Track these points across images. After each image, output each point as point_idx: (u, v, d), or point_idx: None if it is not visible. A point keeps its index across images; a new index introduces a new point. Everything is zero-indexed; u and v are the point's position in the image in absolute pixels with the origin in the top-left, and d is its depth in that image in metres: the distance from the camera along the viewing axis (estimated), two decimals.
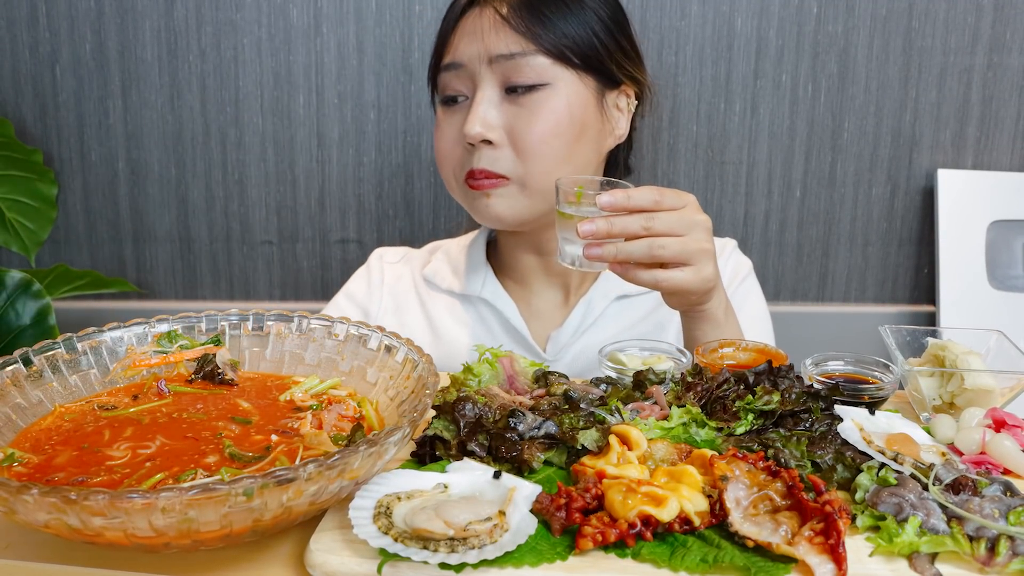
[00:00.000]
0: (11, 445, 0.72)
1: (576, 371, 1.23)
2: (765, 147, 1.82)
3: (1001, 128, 1.81)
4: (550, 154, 1.13)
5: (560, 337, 1.24)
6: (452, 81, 1.16)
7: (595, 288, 1.26)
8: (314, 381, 0.85)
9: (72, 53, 1.79)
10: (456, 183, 1.19)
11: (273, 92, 1.80)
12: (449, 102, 1.18)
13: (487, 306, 1.28)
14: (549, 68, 1.12)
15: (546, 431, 0.74)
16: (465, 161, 1.16)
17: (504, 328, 1.27)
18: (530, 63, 1.12)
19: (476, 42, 1.13)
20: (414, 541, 0.59)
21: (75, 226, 1.88)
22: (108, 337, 0.86)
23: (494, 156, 1.13)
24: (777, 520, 0.62)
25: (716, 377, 0.83)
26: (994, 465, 0.74)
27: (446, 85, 1.17)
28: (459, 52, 1.15)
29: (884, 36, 1.75)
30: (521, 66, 1.11)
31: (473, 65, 1.13)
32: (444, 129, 1.18)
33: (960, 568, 0.61)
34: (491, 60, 1.12)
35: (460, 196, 1.21)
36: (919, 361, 0.91)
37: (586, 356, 1.24)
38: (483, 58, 1.12)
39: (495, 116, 1.13)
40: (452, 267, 1.33)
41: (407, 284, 1.35)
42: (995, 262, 1.81)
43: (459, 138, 1.15)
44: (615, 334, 1.25)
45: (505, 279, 1.31)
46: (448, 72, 1.16)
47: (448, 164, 1.19)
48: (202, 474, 0.66)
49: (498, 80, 1.13)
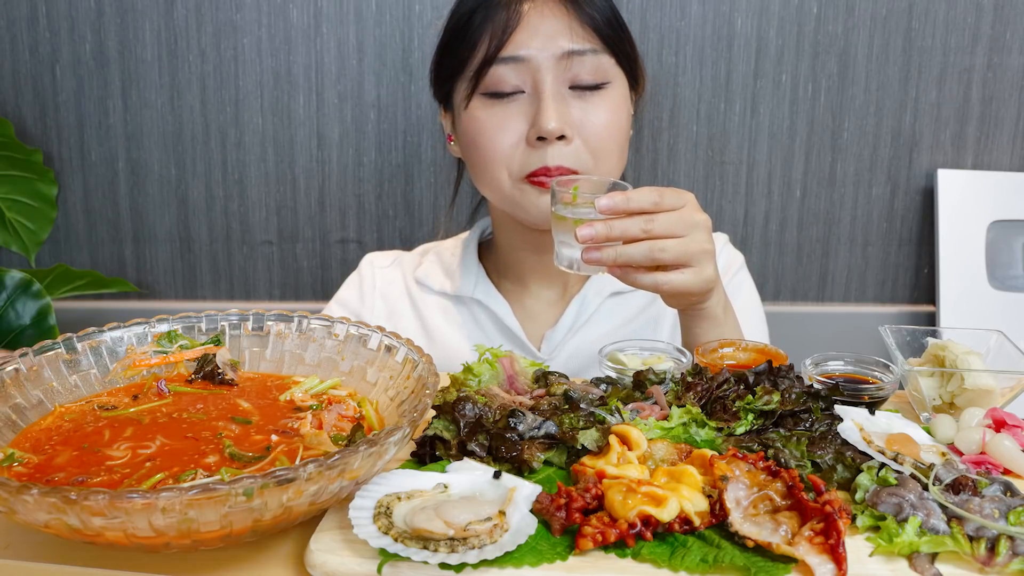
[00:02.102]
0: (11, 445, 0.72)
1: (572, 369, 1.23)
2: (765, 147, 1.82)
3: (1001, 128, 1.81)
4: (616, 149, 1.14)
5: (555, 336, 1.24)
6: (508, 75, 1.10)
7: (589, 286, 1.26)
8: (314, 381, 0.85)
9: (72, 53, 1.79)
10: (512, 181, 1.14)
11: (273, 92, 1.80)
12: (499, 97, 1.12)
13: (480, 306, 1.28)
14: (611, 67, 1.13)
15: (546, 431, 0.74)
16: (527, 159, 1.12)
17: (498, 328, 1.27)
18: (599, 61, 1.11)
19: (544, 36, 1.09)
20: (414, 541, 0.59)
21: (75, 226, 1.88)
22: (108, 337, 0.86)
23: (568, 152, 1.10)
24: (777, 520, 0.62)
25: (716, 377, 0.83)
26: (994, 465, 0.74)
27: (501, 79, 1.11)
28: (523, 45, 1.09)
29: (884, 36, 1.75)
30: (590, 63, 1.10)
31: (539, 60, 1.09)
32: (497, 125, 1.12)
33: (960, 568, 0.61)
34: (561, 56, 1.09)
35: (514, 195, 1.15)
36: (919, 361, 0.91)
37: (581, 354, 1.24)
38: (553, 53, 1.09)
39: (567, 111, 1.10)
40: (444, 269, 1.32)
41: (399, 288, 1.34)
42: (995, 262, 1.81)
43: (519, 134, 1.11)
44: (609, 331, 1.25)
45: (500, 279, 1.30)
46: (505, 65, 1.10)
47: (503, 163, 1.13)
48: (202, 474, 0.66)
49: (564, 76, 1.10)
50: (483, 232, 1.36)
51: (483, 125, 1.13)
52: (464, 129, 1.16)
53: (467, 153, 1.18)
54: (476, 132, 1.14)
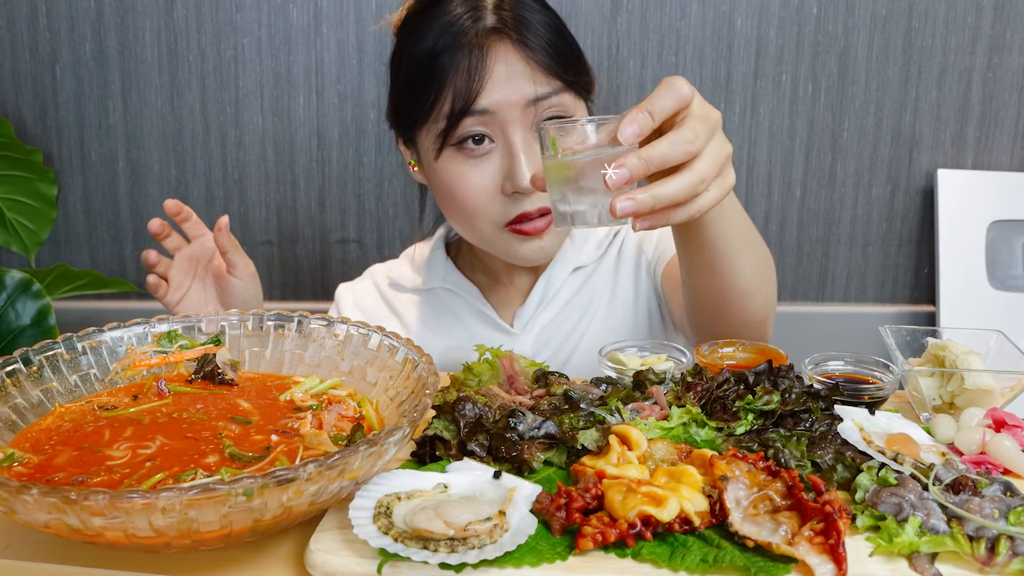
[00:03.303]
0: (11, 445, 0.72)
1: (542, 342, 1.27)
2: (765, 147, 1.82)
3: (1001, 128, 1.81)
4: None
5: (524, 312, 1.28)
6: (477, 126, 1.10)
7: (553, 265, 1.29)
8: (314, 381, 0.85)
9: (72, 53, 1.79)
10: (495, 231, 1.14)
11: (273, 92, 1.80)
12: (470, 147, 1.11)
13: (451, 295, 1.32)
14: (572, 101, 1.14)
15: (546, 431, 0.74)
16: (505, 208, 1.12)
17: (471, 311, 1.31)
18: (562, 100, 1.12)
19: (509, 86, 1.09)
20: (414, 541, 0.59)
21: (75, 226, 1.88)
22: (108, 337, 0.86)
23: (544, 196, 1.10)
24: (777, 520, 0.62)
25: (716, 377, 0.83)
26: (994, 465, 0.74)
27: (470, 130, 1.10)
28: (489, 97, 1.09)
29: (884, 36, 1.75)
30: (553, 104, 1.11)
31: (505, 110, 1.09)
32: (472, 179, 1.12)
33: (960, 568, 0.61)
34: (527, 104, 1.09)
35: (498, 244, 1.16)
36: (919, 361, 0.91)
37: (551, 329, 1.28)
38: (518, 102, 1.09)
39: (536, 157, 1.10)
40: (414, 267, 1.37)
41: (373, 296, 1.39)
42: (995, 262, 1.81)
43: (495, 185, 1.12)
44: (571, 299, 1.29)
45: (473, 273, 1.34)
46: (473, 117, 1.09)
47: (486, 215, 1.13)
48: (202, 474, 0.66)
49: (531, 122, 1.11)
50: (450, 232, 1.39)
51: (459, 180, 1.13)
52: (438, 180, 1.16)
53: (444, 202, 1.19)
54: (452, 185, 1.14)
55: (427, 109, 1.13)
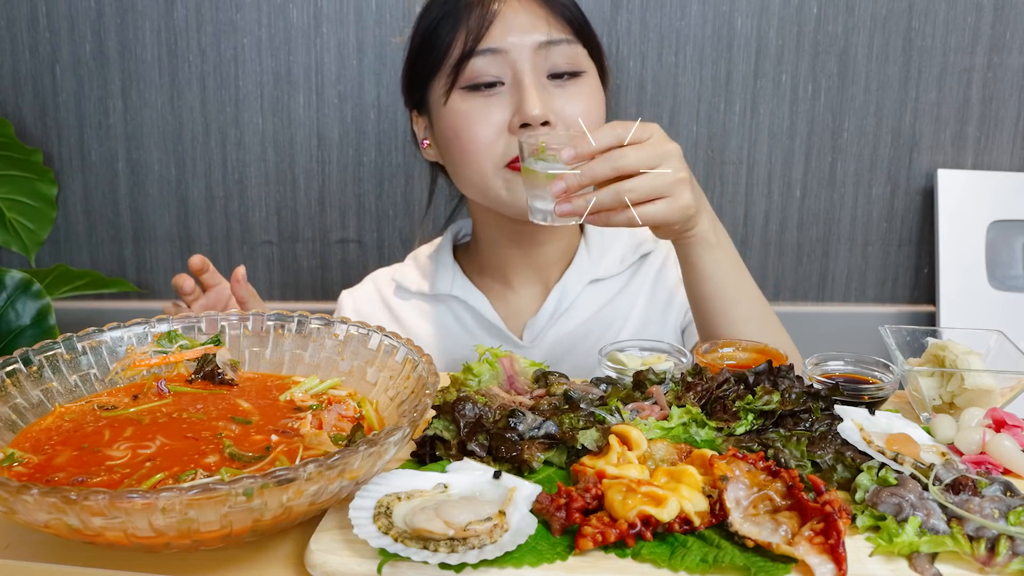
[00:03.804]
0: (11, 445, 0.72)
1: (555, 356, 1.25)
2: (765, 147, 1.82)
3: (1001, 128, 1.81)
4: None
5: (536, 324, 1.25)
6: (488, 67, 1.12)
7: (569, 274, 1.27)
8: (314, 381, 0.85)
9: (72, 53, 1.78)
10: (496, 171, 1.14)
11: (273, 92, 1.80)
12: (479, 88, 1.13)
13: (458, 302, 1.29)
14: (585, 58, 1.16)
15: (546, 431, 0.74)
16: (510, 147, 1.13)
17: (478, 322, 1.28)
18: (575, 51, 1.15)
19: (521, 28, 1.12)
20: (414, 541, 0.59)
21: (75, 226, 1.88)
22: (108, 337, 0.86)
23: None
24: (777, 520, 0.62)
25: (716, 377, 0.83)
26: (994, 465, 0.74)
27: (481, 71, 1.12)
28: (500, 37, 1.12)
29: (884, 36, 1.75)
30: (566, 53, 1.13)
31: (517, 50, 1.11)
32: (479, 116, 1.13)
33: (960, 568, 0.61)
34: (538, 46, 1.12)
35: (500, 185, 1.15)
36: (919, 361, 0.91)
37: (564, 341, 1.25)
38: (530, 44, 1.12)
39: (548, 99, 1.12)
40: (421, 271, 1.34)
41: (374, 302, 1.36)
42: (995, 262, 1.81)
43: (501, 124, 1.12)
44: (588, 315, 1.27)
45: (482, 278, 1.31)
46: (484, 57, 1.12)
47: (488, 153, 1.13)
48: (202, 474, 0.66)
49: (543, 65, 1.13)
50: (458, 234, 1.37)
51: (464, 117, 1.14)
52: (444, 124, 1.17)
53: (448, 147, 1.18)
54: (458, 124, 1.15)
55: (438, 59, 1.15)
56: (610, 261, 1.28)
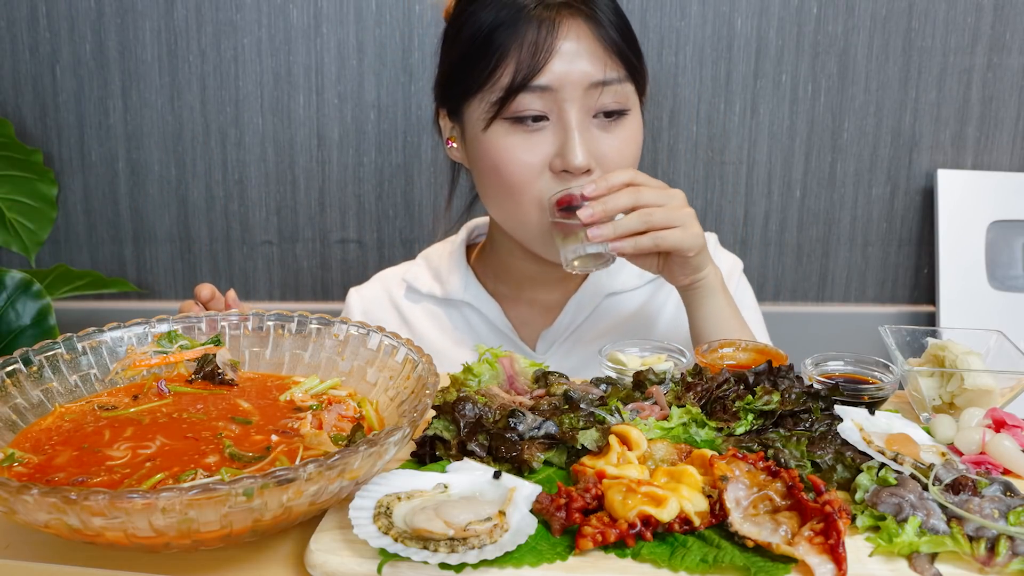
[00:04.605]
0: (11, 445, 0.72)
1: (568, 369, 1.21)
2: (765, 147, 1.82)
3: (1001, 128, 1.81)
4: None
5: (551, 335, 1.24)
6: (534, 103, 1.08)
7: (585, 287, 1.25)
8: (314, 381, 0.85)
9: (72, 53, 1.79)
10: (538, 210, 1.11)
11: (273, 92, 1.80)
12: (523, 122, 1.09)
13: (470, 309, 1.27)
14: (632, 94, 1.13)
15: (546, 431, 0.74)
16: (551, 186, 1.10)
17: (490, 330, 1.26)
18: (625, 90, 1.11)
19: (573, 66, 1.07)
20: (414, 541, 0.59)
21: (75, 226, 1.88)
22: (108, 337, 0.85)
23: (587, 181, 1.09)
24: (777, 520, 0.62)
25: (716, 377, 0.83)
26: (994, 465, 0.74)
27: (527, 106, 1.08)
28: (553, 76, 1.07)
29: (884, 36, 1.75)
30: (616, 92, 1.10)
31: (568, 91, 1.07)
32: (520, 155, 1.10)
33: (960, 568, 0.61)
34: (589, 86, 1.08)
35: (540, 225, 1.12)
36: (919, 361, 0.91)
37: (577, 354, 1.23)
38: (581, 84, 1.08)
39: (593, 144, 1.10)
40: (433, 272, 1.31)
41: (382, 302, 1.33)
42: (995, 262, 1.81)
43: (543, 161, 1.10)
44: (605, 331, 1.24)
45: (495, 284, 1.29)
46: (532, 93, 1.07)
47: (527, 189, 1.11)
48: (202, 474, 0.66)
49: (590, 105, 1.09)
50: (471, 234, 1.34)
51: (507, 153, 1.10)
52: (483, 151, 1.13)
53: (485, 176, 1.15)
54: (498, 159, 1.11)
55: (483, 79, 1.10)
56: (627, 275, 1.26)
